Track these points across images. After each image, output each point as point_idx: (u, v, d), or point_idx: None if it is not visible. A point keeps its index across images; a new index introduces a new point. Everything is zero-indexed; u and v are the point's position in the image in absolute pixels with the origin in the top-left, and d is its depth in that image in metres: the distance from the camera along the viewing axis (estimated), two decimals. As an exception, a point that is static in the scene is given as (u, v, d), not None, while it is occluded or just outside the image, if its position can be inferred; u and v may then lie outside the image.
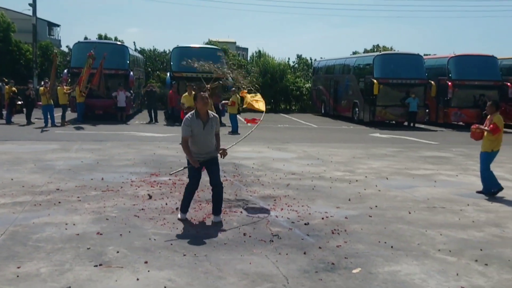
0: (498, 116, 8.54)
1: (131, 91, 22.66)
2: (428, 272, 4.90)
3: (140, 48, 36.82)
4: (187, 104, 15.07)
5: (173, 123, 21.36)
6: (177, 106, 19.24)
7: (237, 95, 19.09)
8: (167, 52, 34.37)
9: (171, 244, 5.49)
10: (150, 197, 7.71)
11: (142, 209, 6.99)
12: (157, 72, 34.54)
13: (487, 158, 8.62)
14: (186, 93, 15.21)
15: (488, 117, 8.69)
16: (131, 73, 22.76)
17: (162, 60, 35.96)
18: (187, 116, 6.33)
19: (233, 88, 19.85)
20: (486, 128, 8.53)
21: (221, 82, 11.10)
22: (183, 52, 23.40)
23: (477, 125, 8.86)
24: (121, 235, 5.78)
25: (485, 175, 8.66)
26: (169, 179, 9.17)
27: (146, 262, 4.92)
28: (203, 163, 6.41)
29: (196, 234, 5.93)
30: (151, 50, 37.21)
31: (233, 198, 7.87)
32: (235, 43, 68.71)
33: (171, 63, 23.23)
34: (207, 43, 35.84)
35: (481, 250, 5.62)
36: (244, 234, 5.95)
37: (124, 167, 10.40)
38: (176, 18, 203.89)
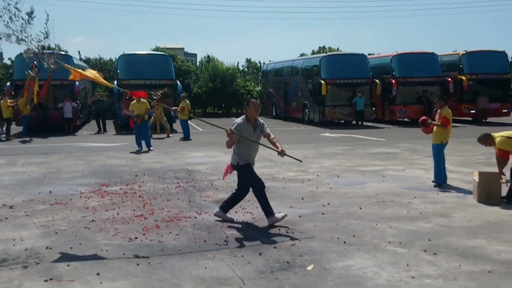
0: (447, 109, 8.94)
1: (78, 101, 22.05)
2: (380, 264, 5.04)
3: (86, 57, 35.93)
4: (136, 111, 14.84)
5: (122, 131, 20.97)
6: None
7: (187, 101, 18.96)
8: (114, 60, 33.71)
9: (124, 254, 5.37)
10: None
11: (93, 220, 6.81)
12: (104, 80, 33.76)
13: (438, 149, 9.01)
14: (135, 101, 14.95)
15: (438, 111, 9.04)
16: (77, 83, 22.11)
17: (108, 69, 35.22)
18: (238, 121, 6.45)
19: (183, 94, 19.73)
20: (438, 122, 8.88)
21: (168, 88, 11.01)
22: (130, 59, 23.04)
23: (425, 117, 9.21)
24: (71, 248, 5.61)
25: (436, 166, 9.04)
26: (120, 189, 8.98)
27: (98, 274, 4.79)
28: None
29: (150, 242, 5.83)
30: (97, 59, 36.37)
31: (187, 204, 7.80)
32: (183, 49, 68.24)
33: (118, 71, 22.78)
34: (154, 50, 35.42)
35: (429, 240, 5.82)
36: (199, 239, 5.91)
37: (73, 179, 10.10)
38: (122, 25, 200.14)
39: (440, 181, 8.99)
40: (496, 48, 31.40)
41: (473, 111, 24.26)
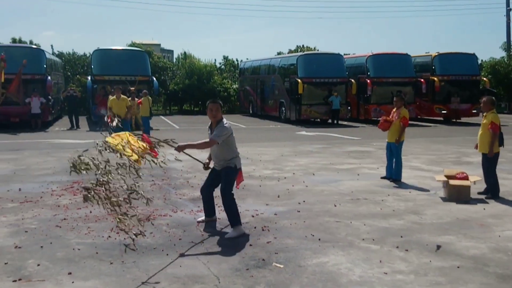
0: (405, 110, 9.41)
1: (50, 97, 21.57)
2: (353, 261, 5.09)
3: (58, 51, 35.25)
4: (115, 108, 13.87)
5: (95, 128, 20.62)
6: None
7: (149, 97, 18.64)
8: (88, 55, 33.16)
9: (97, 253, 5.29)
10: None
11: (65, 218, 6.68)
12: (77, 76, 33.22)
13: (396, 148, 9.33)
14: (114, 97, 14.07)
15: (395, 110, 9.36)
16: (49, 77, 21.67)
17: (82, 64, 34.64)
18: (228, 123, 5.98)
19: (144, 91, 19.26)
20: (399, 121, 9.15)
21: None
22: (104, 54, 22.73)
23: (385, 117, 9.65)
24: (42, 247, 5.49)
25: (391, 162, 9.43)
26: (94, 186, 8.83)
27: (70, 273, 4.70)
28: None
29: (124, 241, 5.75)
30: (70, 53, 35.72)
31: (162, 202, 7.73)
32: (159, 45, 67.65)
33: (92, 66, 22.43)
34: (130, 46, 34.97)
35: (401, 237, 5.91)
36: (174, 238, 5.87)
37: (44, 176, 9.89)
38: (96, 20, 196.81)
39: (395, 176, 9.34)
40: (466, 50, 31.96)
41: (445, 112, 24.72)
